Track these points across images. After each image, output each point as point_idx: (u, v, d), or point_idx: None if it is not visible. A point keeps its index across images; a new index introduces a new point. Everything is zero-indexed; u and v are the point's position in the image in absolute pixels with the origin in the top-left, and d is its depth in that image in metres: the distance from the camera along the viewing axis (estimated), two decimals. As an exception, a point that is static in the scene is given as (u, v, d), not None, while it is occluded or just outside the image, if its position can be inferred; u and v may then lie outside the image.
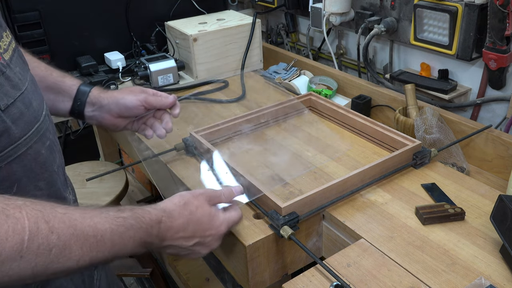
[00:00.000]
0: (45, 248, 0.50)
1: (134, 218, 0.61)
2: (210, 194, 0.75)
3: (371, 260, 0.76)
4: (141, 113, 0.97)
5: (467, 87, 1.25)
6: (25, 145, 0.62)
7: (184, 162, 1.06)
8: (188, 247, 0.70)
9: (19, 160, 0.61)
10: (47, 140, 0.68)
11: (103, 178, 1.58)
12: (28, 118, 0.63)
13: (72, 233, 0.53)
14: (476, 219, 0.85)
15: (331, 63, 1.63)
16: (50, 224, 0.51)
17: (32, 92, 0.66)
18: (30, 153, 0.63)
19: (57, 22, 1.49)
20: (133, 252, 0.62)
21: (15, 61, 0.64)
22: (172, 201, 0.70)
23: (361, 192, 0.93)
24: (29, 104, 0.64)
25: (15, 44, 0.67)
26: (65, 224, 0.53)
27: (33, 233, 0.49)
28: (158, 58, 1.48)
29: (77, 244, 0.53)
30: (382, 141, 1.07)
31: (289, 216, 0.81)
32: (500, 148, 1.06)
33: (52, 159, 0.69)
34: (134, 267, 1.70)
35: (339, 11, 1.43)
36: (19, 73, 0.64)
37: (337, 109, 1.18)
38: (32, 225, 0.49)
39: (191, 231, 0.69)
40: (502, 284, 0.71)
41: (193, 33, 1.45)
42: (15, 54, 0.65)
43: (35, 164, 0.64)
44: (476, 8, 1.10)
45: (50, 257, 0.51)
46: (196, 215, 0.70)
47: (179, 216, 0.68)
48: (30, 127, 0.63)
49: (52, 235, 0.51)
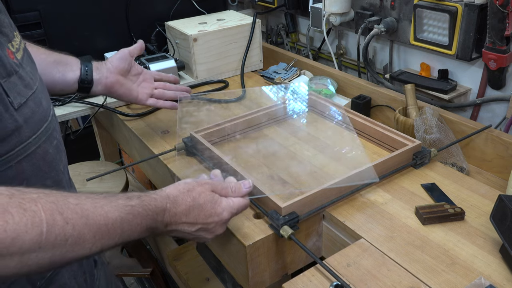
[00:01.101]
0: (62, 238, 0.52)
1: (141, 206, 0.63)
2: (216, 185, 0.76)
3: (371, 260, 0.76)
4: (131, 61, 1.05)
5: (467, 87, 1.25)
6: (35, 144, 0.63)
7: (184, 162, 1.06)
8: (192, 232, 0.72)
9: (29, 158, 0.63)
10: (54, 139, 0.69)
11: (103, 178, 1.58)
12: (39, 117, 0.64)
13: (85, 223, 0.55)
14: (476, 219, 0.85)
15: (331, 63, 1.63)
16: (65, 215, 0.53)
17: (42, 91, 0.68)
18: (39, 152, 0.65)
19: (57, 22, 1.50)
20: (139, 237, 0.65)
21: (26, 60, 0.66)
22: (177, 187, 0.72)
23: (361, 192, 0.93)
24: (39, 103, 0.65)
25: (24, 44, 0.68)
26: (78, 214, 0.54)
27: (50, 225, 0.51)
28: (158, 58, 1.48)
29: (90, 233, 0.55)
30: (382, 141, 1.08)
31: (289, 216, 0.81)
32: (500, 148, 1.06)
33: (59, 158, 0.71)
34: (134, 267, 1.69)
35: (339, 11, 1.43)
36: (30, 72, 0.65)
37: (337, 109, 1.18)
38: (49, 217, 0.51)
39: (193, 217, 0.71)
40: (502, 284, 0.71)
41: (193, 33, 1.45)
42: (25, 53, 0.67)
43: (44, 163, 0.66)
44: (476, 8, 1.10)
45: (66, 247, 0.53)
46: (198, 202, 0.71)
47: (182, 202, 0.70)
48: (39, 126, 0.65)
49: (67, 226, 0.53)
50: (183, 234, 0.72)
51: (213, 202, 0.73)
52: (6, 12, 0.66)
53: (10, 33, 0.63)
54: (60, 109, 1.33)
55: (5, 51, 0.59)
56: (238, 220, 0.85)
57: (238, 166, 0.93)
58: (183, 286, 1.69)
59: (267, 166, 1.02)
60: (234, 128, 1.14)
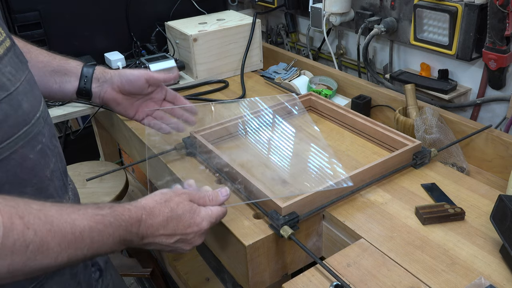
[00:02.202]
0: (21, 244, 0.48)
1: (113, 216, 0.60)
2: (194, 195, 0.73)
3: (371, 260, 0.76)
4: (143, 88, 0.93)
5: (467, 87, 1.25)
6: (9, 150, 0.59)
7: (184, 162, 1.06)
8: (170, 244, 0.69)
9: (1, 165, 0.58)
10: (38, 144, 0.64)
11: (103, 178, 1.58)
12: (15, 120, 0.59)
13: (49, 229, 0.51)
14: (476, 219, 0.85)
15: (331, 63, 1.63)
16: (25, 220, 0.49)
17: (25, 93, 0.63)
18: (15, 158, 0.60)
19: (57, 22, 1.50)
20: (112, 250, 0.61)
21: (7, 60, 0.61)
22: (153, 198, 0.69)
23: (361, 192, 0.93)
24: (17, 106, 0.60)
25: (9, 43, 0.63)
26: (41, 220, 0.51)
27: (7, 228, 0.47)
28: (158, 58, 1.48)
29: (55, 240, 0.52)
30: (382, 141, 1.08)
31: (289, 216, 0.81)
32: (500, 148, 1.06)
33: (44, 163, 0.65)
34: (134, 267, 1.69)
35: (339, 11, 1.43)
36: (9, 73, 0.60)
37: (337, 109, 1.18)
38: (6, 220, 0.47)
39: (171, 228, 0.68)
40: (502, 284, 0.71)
41: (193, 33, 1.45)
42: (8, 53, 0.62)
43: (21, 169, 0.61)
44: (476, 8, 1.10)
45: (27, 254, 0.49)
46: (176, 212, 0.69)
47: (159, 213, 0.67)
48: (16, 131, 0.60)
49: (28, 231, 0.49)
50: (161, 246, 0.69)
51: (191, 212, 0.71)
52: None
53: None
54: (60, 109, 1.33)
55: None
56: (238, 220, 0.85)
57: (238, 167, 0.93)
58: (183, 286, 1.69)
59: (267, 166, 1.02)
60: (234, 128, 1.14)
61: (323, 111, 1.23)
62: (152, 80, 0.94)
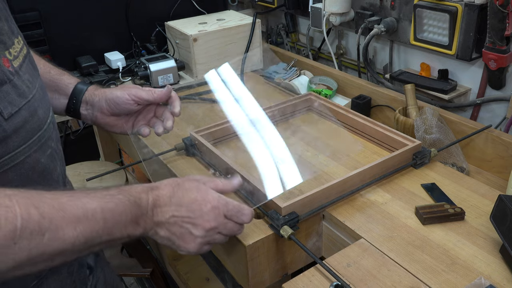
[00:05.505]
0: (38, 233, 0.51)
1: (121, 193, 0.62)
2: (204, 179, 0.73)
3: (371, 260, 0.76)
4: (132, 109, 0.90)
5: (467, 87, 1.25)
6: (24, 154, 0.61)
7: (184, 162, 1.06)
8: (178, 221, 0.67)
9: (16, 168, 0.61)
10: (49, 148, 0.67)
11: (103, 178, 1.57)
12: (31, 126, 0.62)
13: (62, 216, 0.53)
14: (476, 219, 0.85)
15: (331, 63, 1.63)
16: (40, 210, 0.51)
17: (40, 99, 0.65)
18: (29, 162, 0.62)
19: (57, 22, 1.49)
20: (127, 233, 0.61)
21: (25, 68, 0.64)
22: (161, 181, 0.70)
23: (361, 192, 0.93)
24: (34, 112, 0.63)
25: (26, 50, 0.66)
26: (55, 208, 0.53)
27: (25, 220, 0.49)
28: (158, 58, 1.48)
29: (70, 226, 0.54)
30: (382, 141, 1.08)
31: (289, 216, 0.81)
32: (500, 148, 1.06)
33: (53, 167, 0.68)
34: (134, 267, 1.69)
35: (339, 11, 1.43)
36: (28, 80, 0.63)
37: (337, 109, 1.18)
38: (24, 212, 0.50)
39: (178, 198, 0.67)
40: (502, 284, 0.71)
41: (193, 33, 1.45)
42: (25, 60, 0.64)
43: (33, 172, 0.64)
44: (476, 8, 1.10)
45: (44, 241, 0.51)
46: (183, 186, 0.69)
47: (165, 187, 0.68)
48: (31, 136, 0.62)
49: (44, 220, 0.51)
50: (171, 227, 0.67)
51: (198, 188, 0.70)
52: (7, 19, 0.64)
53: (8, 40, 0.61)
54: (60, 109, 1.33)
55: (0, 59, 0.58)
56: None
57: (238, 167, 0.93)
58: (183, 286, 1.69)
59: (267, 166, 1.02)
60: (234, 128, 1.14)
61: (323, 111, 1.23)
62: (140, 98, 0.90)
